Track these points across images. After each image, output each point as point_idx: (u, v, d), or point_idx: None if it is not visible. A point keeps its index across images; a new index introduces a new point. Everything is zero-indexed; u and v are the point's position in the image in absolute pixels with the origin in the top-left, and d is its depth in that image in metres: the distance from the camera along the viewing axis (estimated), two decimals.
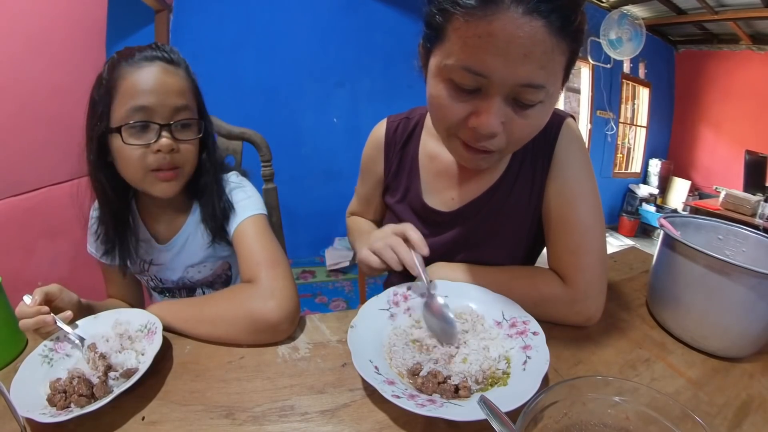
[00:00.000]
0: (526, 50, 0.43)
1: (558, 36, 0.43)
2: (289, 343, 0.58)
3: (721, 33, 4.05)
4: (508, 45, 0.42)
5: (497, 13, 0.42)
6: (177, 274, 0.79)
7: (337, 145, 2.94)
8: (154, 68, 0.63)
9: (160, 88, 0.63)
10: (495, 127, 0.48)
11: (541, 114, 0.50)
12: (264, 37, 2.67)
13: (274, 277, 0.61)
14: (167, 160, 0.64)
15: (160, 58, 0.65)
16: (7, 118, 1.07)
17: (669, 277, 0.59)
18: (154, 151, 0.63)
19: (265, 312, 0.56)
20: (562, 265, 0.62)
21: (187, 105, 0.67)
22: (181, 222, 0.76)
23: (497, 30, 0.42)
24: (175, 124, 0.65)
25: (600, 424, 0.36)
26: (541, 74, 0.45)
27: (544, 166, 0.64)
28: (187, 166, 0.68)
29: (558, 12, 0.42)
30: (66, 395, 0.46)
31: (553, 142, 0.64)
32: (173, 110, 0.64)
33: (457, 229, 0.71)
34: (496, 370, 0.49)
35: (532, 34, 0.42)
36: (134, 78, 0.62)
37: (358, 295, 2.44)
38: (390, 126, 0.77)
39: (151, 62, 0.64)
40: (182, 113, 0.66)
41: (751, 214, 2.80)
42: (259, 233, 0.69)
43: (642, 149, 4.72)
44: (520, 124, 0.49)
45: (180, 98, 0.65)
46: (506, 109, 0.48)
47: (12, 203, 1.11)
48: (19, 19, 1.11)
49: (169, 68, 0.65)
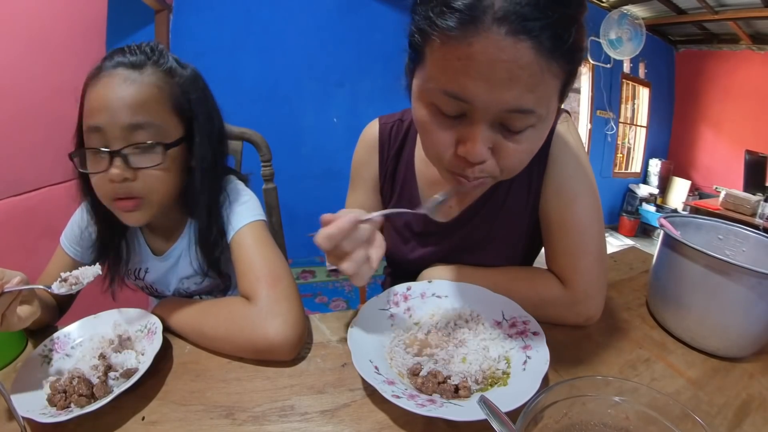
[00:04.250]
0: (510, 74, 0.38)
1: (549, 57, 0.38)
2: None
3: (721, 33, 4.05)
4: (491, 69, 0.38)
5: (478, 34, 0.37)
6: (173, 285, 0.74)
7: (337, 145, 2.94)
8: (111, 79, 0.54)
9: (111, 104, 0.53)
10: (483, 154, 0.44)
11: (533, 138, 0.45)
12: (264, 37, 2.67)
13: (276, 298, 0.55)
14: (124, 190, 0.55)
15: (124, 64, 0.55)
16: (7, 118, 1.07)
17: (669, 277, 0.59)
18: (109, 180, 0.54)
19: (267, 339, 0.52)
20: (561, 268, 0.62)
21: (147, 122, 0.54)
22: (177, 235, 0.71)
23: (478, 53, 0.38)
24: (128, 150, 0.54)
25: (600, 424, 0.36)
26: (530, 98, 0.40)
27: (540, 167, 0.63)
28: (152, 195, 0.58)
29: (548, 31, 0.37)
30: (66, 395, 0.46)
31: (548, 141, 0.62)
32: (127, 130, 0.53)
33: (454, 235, 0.70)
34: (496, 370, 0.49)
35: (517, 57, 0.37)
36: (92, 92, 0.54)
37: (358, 295, 2.45)
38: (383, 127, 0.73)
39: (112, 70, 0.54)
40: (140, 133, 0.54)
41: (751, 214, 2.80)
42: (258, 242, 0.62)
43: (642, 149, 4.72)
44: (511, 149, 0.45)
45: (136, 114, 0.53)
46: (494, 135, 0.44)
47: (12, 203, 1.11)
48: (19, 19, 1.11)
49: (130, 75, 0.54)
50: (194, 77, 0.63)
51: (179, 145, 0.59)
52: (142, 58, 0.56)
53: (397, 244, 0.75)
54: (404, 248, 0.74)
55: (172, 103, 0.57)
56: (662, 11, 3.81)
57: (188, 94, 0.60)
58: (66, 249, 0.70)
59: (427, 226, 0.71)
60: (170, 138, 0.58)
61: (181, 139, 0.59)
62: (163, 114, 0.57)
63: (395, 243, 0.75)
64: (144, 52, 0.57)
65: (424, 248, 0.73)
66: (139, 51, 0.57)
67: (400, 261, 0.76)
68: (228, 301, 0.60)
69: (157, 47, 0.59)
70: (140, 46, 0.58)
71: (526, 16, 0.36)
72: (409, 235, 0.74)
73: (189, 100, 0.60)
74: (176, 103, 0.58)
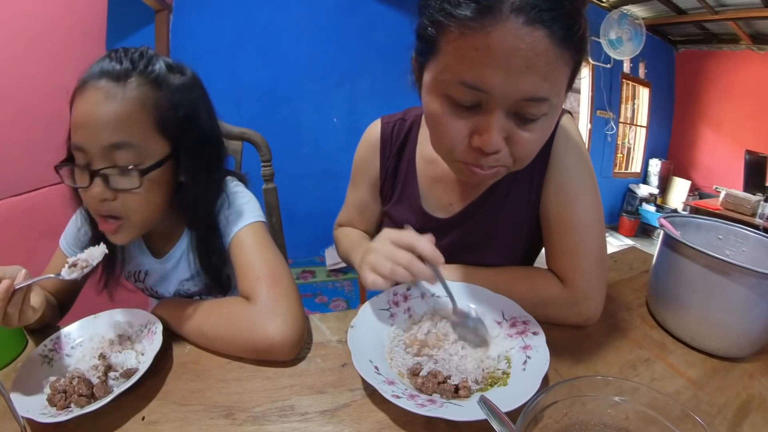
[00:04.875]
0: (528, 63, 0.40)
1: (561, 46, 0.40)
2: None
3: (721, 33, 4.05)
4: (509, 58, 0.40)
5: (496, 24, 0.39)
6: (173, 287, 0.73)
7: (337, 145, 2.94)
8: (94, 93, 0.50)
9: (90, 122, 0.50)
10: (498, 144, 0.45)
11: (545, 127, 0.48)
12: (264, 37, 2.67)
13: (276, 298, 0.55)
14: (105, 208, 0.54)
15: (108, 74, 0.51)
16: (7, 118, 1.08)
17: (669, 277, 0.59)
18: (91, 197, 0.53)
19: (267, 339, 0.52)
20: (561, 267, 0.62)
21: (127, 142, 0.51)
22: (177, 238, 0.70)
23: (496, 42, 0.39)
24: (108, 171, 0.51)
25: (600, 424, 0.36)
26: (545, 86, 0.42)
27: (542, 165, 0.63)
28: (133, 216, 0.56)
29: (561, 21, 0.39)
30: (66, 395, 0.46)
31: (551, 139, 0.62)
32: (107, 150, 0.51)
33: (454, 232, 0.70)
34: (496, 370, 0.49)
35: (534, 45, 0.39)
36: (77, 106, 0.51)
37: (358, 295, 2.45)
38: (385, 127, 0.74)
39: (96, 82, 0.51)
40: (120, 154, 0.51)
41: (751, 214, 2.80)
42: (258, 243, 0.62)
43: (642, 149, 4.72)
44: (524, 138, 0.46)
45: (115, 134, 0.50)
46: (508, 124, 0.45)
47: (12, 203, 1.11)
48: (20, 19, 1.11)
49: (111, 90, 0.51)
50: (187, 84, 0.59)
51: (165, 164, 0.56)
52: (127, 66, 0.53)
53: None
54: None
55: (155, 121, 0.54)
56: (662, 11, 3.81)
57: (177, 107, 0.56)
58: (65, 251, 0.70)
59: (428, 223, 0.71)
60: (153, 158, 0.54)
61: (167, 157, 0.56)
62: (145, 133, 0.53)
63: None
64: (131, 59, 0.53)
65: None
66: (125, 57, 0.53)
67: None
68: (228, 301, 0.60)
69: (146, 53, 0.56)
70: (128, 52, 0.54)
71: (540, 6, 0.38)
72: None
73: (176, 115, 0.56)
74: (161, 119, 0.54)
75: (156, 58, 0.56)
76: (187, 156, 0.58)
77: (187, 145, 0.58)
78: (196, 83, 0.61)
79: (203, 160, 0.60)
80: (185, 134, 0.57)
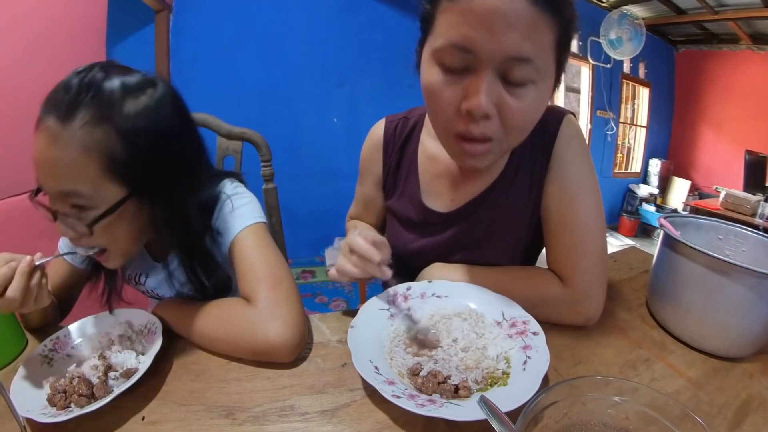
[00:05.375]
0: (507, 22, 0.44)
1: (543, 8, 0.44)
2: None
3: (721, 33, 4.05)
4: (491, 17, 0.44)
5: None
6: (173, 290, 0.70)
7: (337, 145, 2.95)
8: (43, 133, 0.47)
9: (41, 165, 0.47)
10: (486, 105, 0.47)
11: (535, 97, 0.49)
12: (264, 37, 2.67)
13: (276, 300, 0.55)
14: (82, 243, 0.53)
15: (55, 107, 0.46)
16: (7, 118, 1.07)
17: (669, 277, 0.59)
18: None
19: (267, 341, 0.52)
20: (561, 266, 0.62)
21: (74, 191, 0.48)
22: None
23: (479, 4, 0.44)
24: (67, 211, 0.49)
25: (600, 424, 0.36)
26: (527, 46, 0.45)
27: (544, 164, 0.64)
28: (114, 245, 0.55)
29: None
30: (66, 395, 0.46)
31: (553, 138, 0.63)
32: (61, 194, 0.49)
33: (455, 228, 0.71)
34: (496, 370, 0.49)
35: (512, 6, 0.43)
36: (34, 140, 0.47)
37: (358, 295, 2.45)
38: (388, 126, 0.76)
39: (46, 117, 0.47)
40: (73, 199, 0.49)
41: (751, 214, 2.80)
42: (258, 245, 0.61)
43: (642, 149, 4.72)
44: (513, 106, 0.48)
45: (62, 181, 0.47)
46: (497, 87, 0.47)
47: (12, 203, 1.11)
48: (20, 19, 1.11)
49: (57, 130, 0.46)
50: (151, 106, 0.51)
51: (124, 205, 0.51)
52: (73, 98, 0.47)
53: (398, 234, 0.77)
54: (405, 238, 0.76)
55: (104, 166, 0.48)
56: (662, 11, 3.81)
57: (134, 140, 0.49)
58: (63, 251, 0.69)
59: (428, 216, 0.72)
60: (106, 203, 0.50)
61: (125, 198, 0.51)
62: (94, 180, 0.48)
63: (397, 233, 0.77)
64: (79, 87, 0.47)
65: (423, 239, 0.73)
66: (76, 85, 0.47)
67: (400, 251, 0.77)
68: (228, 302, 0.59)
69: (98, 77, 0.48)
70: (80, 76, 0.48)
71: None
72: (410, 226, 0.75)
73: (132, 153, 0.49)
74: (110, 163, 0.49)
75: (109, 80, 0.49)
76: (152, 191, 0.54)
77: (151, 181, 0.53)
78: (164, 101, 0.53)
79: (177, 186, 0.56)
80: (147, 170, 0.52)
